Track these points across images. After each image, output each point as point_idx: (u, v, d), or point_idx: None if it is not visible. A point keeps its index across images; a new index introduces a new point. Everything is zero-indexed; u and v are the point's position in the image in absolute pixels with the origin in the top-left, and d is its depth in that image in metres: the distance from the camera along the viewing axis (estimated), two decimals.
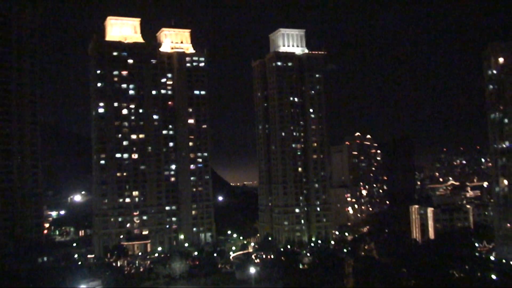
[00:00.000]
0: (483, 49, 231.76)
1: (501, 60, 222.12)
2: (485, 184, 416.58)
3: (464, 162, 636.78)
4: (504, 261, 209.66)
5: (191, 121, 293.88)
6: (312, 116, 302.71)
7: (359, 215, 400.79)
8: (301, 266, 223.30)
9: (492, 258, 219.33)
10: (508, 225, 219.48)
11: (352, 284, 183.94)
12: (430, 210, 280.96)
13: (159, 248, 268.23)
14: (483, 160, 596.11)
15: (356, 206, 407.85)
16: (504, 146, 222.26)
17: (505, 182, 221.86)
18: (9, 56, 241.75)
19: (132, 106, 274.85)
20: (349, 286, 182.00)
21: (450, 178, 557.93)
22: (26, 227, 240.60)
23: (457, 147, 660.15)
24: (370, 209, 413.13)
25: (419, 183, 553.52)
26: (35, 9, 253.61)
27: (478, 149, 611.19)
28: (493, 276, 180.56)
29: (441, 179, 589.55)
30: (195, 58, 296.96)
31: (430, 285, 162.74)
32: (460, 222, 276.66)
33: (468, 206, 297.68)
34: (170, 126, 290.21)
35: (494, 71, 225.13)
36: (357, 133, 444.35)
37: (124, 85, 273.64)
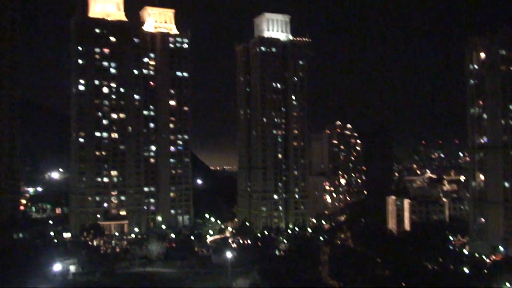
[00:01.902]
0: (465, 43, 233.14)
1: (482, 55, 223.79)
2: (462, 178, 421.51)
3: (442, 155, 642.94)
4: (477, 255, 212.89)
5: (172, 102, 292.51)
6: (294, 103, 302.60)
7: (336, 203, 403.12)
8: (277, 252, 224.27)
9: (465, 252, 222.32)
10: (483, 220, 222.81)
11: (327, 272, 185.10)
12: (406, 202, 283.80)
13: (136, 229, 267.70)
14: (461, 154, 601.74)
15: (334, 194, 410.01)
16: (482, 141, 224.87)
17: (482, 177, 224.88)
18: None
19: (113, 84, 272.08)
20: (324, 274, 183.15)
21: (428, 171, 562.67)
22: (2, 202, 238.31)
23: (435, 140, 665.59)
24: (348, 198, 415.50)
25: (397, 174, 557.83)
26: None
27: (457, 143, 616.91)
28: (466, 270, 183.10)
29: (418, 171, 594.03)
30: (179, 39, 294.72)
31: (403, 276, 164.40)
32: (436, 215, 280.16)
33: (444, 199, 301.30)
34: (151, 107, 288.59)
35: (475, 66, 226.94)
36: (338, 122, 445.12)
37: (105, 63, 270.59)
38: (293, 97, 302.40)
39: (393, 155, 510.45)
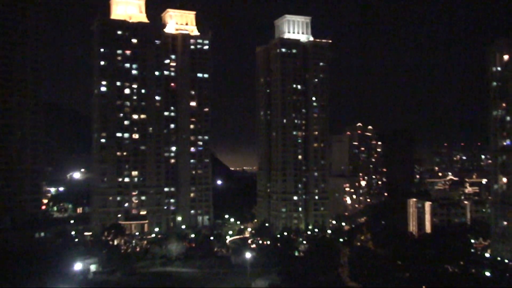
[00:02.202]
0: (488, 45, 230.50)
1: (505, 57, 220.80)
2: (484, 181, 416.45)
3: (464, 157, 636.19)
4: (498, 258, 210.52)
5: (193, 103, 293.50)
6: (315, 104, 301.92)
7: (356, 205, 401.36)
8: (296, 254, 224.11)
9: (487, 255, 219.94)
10: (505, 223, 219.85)
11: (346, 273, 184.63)
12: (427, 204, 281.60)
13: (156, 229, 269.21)
14: (483, 156, 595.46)
15: (354, 196, 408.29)
16: (504, 143, 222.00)
17: (504, 180, 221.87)
18: (12, 31, 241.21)
19: (135, 86, 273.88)
20: (344, 276, 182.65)
21: (449, 173, 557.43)
22: (24, 202, 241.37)
23: (457, 142, 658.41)
24: (368, 200, 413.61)
25: (418, 176, 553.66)
26: None
27: (479, 145, 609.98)
28: (487, 273, 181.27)
29: (440, 174, 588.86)
30: (199, 41, 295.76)
31: (424, 279, 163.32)
32: (457, 218, 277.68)
33: (466, 202, 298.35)
34: (172, 108, 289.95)
35: (498, 68, 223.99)
36: (359, 124, 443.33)
37: (127, 65, 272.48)
38: (314, 98, 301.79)
39: (414, 157, 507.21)
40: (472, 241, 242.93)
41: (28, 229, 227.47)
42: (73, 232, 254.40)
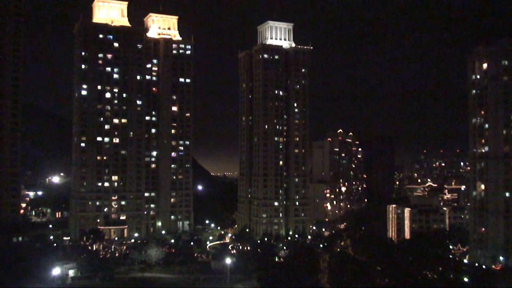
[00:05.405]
0: (468, 53, 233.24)
1: (485, 65, 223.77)
2: (463, 187, 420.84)
3: (443, 164, 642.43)
4: (477, 264, 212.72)
5: (174, 108, 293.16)
6: (296, 110, 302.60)
7: (337, 211, 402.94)
8: (277, 259, 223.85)
9: (465, 261, 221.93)
10: (483, 229, 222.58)
11: (326, 279, 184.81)
12: (407, 210, 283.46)
13: (136, 234, 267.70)
14: (462, 163, 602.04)
15: (334, 202, 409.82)
16: (483, 151, 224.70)
17: (482, 186, 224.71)
18: None
19: (116, 90, 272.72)
20: (324, 281, 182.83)
21: (429, 180, 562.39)
22: (2, 206, 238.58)
23: (437, 149, 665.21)
24: (348, 206, 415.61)
25: (397, 182, 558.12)
26: None
27: (458, 152, 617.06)
28: (465, 279, 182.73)
29: (419, 180, 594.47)
30: (182, 46, 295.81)
31: (403, 284, 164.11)
32: (436, 224, 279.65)
33: (444, 208, 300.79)
34: (153, 113, 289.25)
35: (478, 76, 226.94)
36: (340, 130, 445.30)
37: (108, 69, 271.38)
38: (295, 105, 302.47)
39: (394, 164, 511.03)
40: (451, 247, 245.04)
41: (6, 233, 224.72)
42: (51, 237, 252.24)
